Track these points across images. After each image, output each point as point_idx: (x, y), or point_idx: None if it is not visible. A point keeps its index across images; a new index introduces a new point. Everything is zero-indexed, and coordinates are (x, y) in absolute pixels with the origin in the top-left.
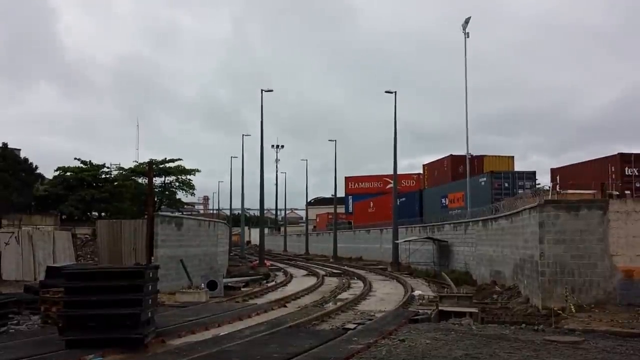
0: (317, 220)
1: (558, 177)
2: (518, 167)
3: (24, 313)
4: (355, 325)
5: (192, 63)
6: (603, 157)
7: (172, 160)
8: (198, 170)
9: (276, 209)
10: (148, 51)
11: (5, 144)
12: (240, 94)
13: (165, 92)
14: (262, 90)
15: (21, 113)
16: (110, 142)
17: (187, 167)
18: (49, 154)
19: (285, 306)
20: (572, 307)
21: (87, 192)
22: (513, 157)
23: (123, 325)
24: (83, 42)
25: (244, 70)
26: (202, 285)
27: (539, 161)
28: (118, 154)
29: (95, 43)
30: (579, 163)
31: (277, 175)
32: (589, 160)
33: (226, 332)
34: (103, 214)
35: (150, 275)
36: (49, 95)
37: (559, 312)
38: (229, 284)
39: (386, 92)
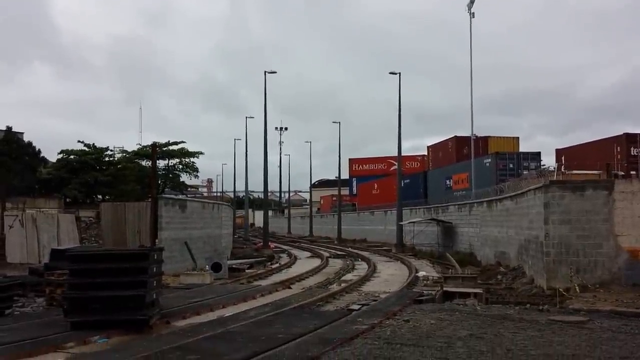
0: (321, 202)
1: (563, 158)
2: (523, 147)
3: (29, 295)
4: (359, 306)
5: (189, 43)
6: (608, 138)
7: (176, 143)
8: (201, 153)
9: (280, 191)
10: (144, 32)
11: (9, 128)
12: (240, 76)
13: (163, 73)
14: (265, 72)
15: (20, 96)
16: (111, 125)
17: (191, 149)
18: (49, 137)
19: (290, 287)
20: (577, 287)
21: (90, 175)
22: (518, 138)
23: (128, 307)
24: (78, 23)
25: (243, 51)
26: (207, 267)
27: (544, 142)
28: (119, 137)
29: (91, 24)
30: (584, 143)
31: (280, 157)
32: (594, 141)
33: (231, 314)
34: (107, 197)
35: (155, 257)
36: (45, 77)
37: (563, 292)
38: (233, 266)
39: (390, 73)
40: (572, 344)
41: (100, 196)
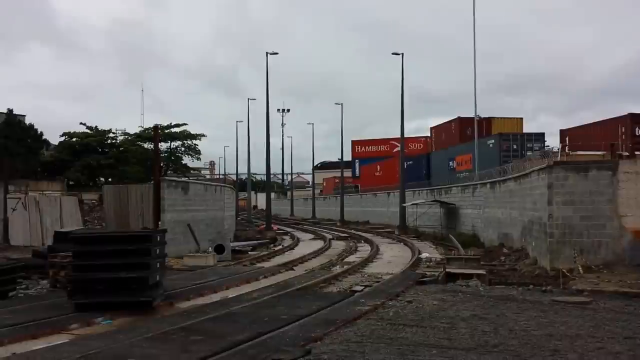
0: (324, 184)
1: (567, 138)
2: (527, 128)
3: (33, 278)
4: (362, 288)
5: (189, 25)
6: (613, 118)
7: (178, 125)
8: (204, 135)
9: (282, 174)
10: (144, 13)
11: (10, 110)
12: (241, 58)
13: (164, 55)
14: (267, 53)
15: (20, 78)
16: (112, 107)
17: (193, 132)
18: (51, 120)
19: (293, 269)
20: (581, 268)
21: (93, 158)
22: (522, 118)
23: (131, 289)
24: (77, 4)
25: (243, 33)
26: (210, 249)
27: (548, 122)
28: (121, 119)
29: (90, 5)
30: (588, 124)
31: (283, 139)
32: (598, 121)
33: (234, 295)
34: (109, 179)
35: (158, 239)
36: (45, 60)
37: (567, 273)
38: (237, 248)
39: (393, 53)
40: (575, 324)
41: (102, 179)
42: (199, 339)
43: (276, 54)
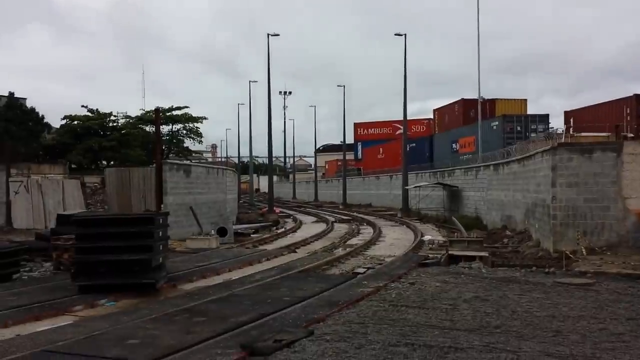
0: (326, 167)
1: (572, 120)
2: (531, 110)
3: (36, 260)
4: (365, 270)
5: (189, 6)
6: (618, 99)
7: (179, 108)
8: (205, 118)
9: (285, 156)
10: None
11: (11, 94)
12: (242, 40)
13: (164, 37)
14: (268, 34)
15: (20, 61)
16: (113, 90)
17: (194, 115)
18: (52, 103)
19: (295, 252)
20: (584, 250)
21: (94, 141)
22: (526, 100)
23: (134, 271)
24: None
25: (243, 14)
26: (212, 231)
27: (552, 104)
28: (122, 102)
29: None
30: (593, 105)
31: (285, 122)
32: (603, 102)
33: (237, 277)
34: (111, 162)
35: (160, 222)
36: (44, 42)
37: (570, 255)
38: (239, 231)
39: (395, 34)
40: (577, 305)
41: (104, 162)
42: (202, 320)
43: (277, 35)
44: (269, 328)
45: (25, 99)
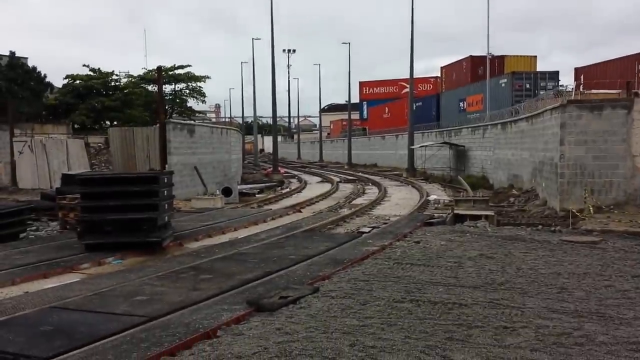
0: (331, 127)
1: (582, 77)
2: (541, 67)
3: (43, 220)
4: (370, 229)
5: None
6: (629, 55)
7: (182, 67)
8: (208, 77)
9: (289, 116)
10: None
11: (12, 53)
12: None
13: None
14: None
15: (19, 19)
16: (114, 48)
17: (197, 74)
18: (53, 62)
19: (300, 211)
20: (591, 208)
21: (97, 101)
22: (535, 56)
23: (140, 230)
24: None
25: None
26: (217, 191)
27: (563, 61)
28: (123, 60)
29: None
30: (604, 62)
31: (289, 80)
32: (614, 59)
33: (242, 236)
34: (115, 122)
35: (165, 181)
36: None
37: (577, 213)
38: (244, 191)
39: None
40: (583, 263)
41: (108, 122)
42: (208, 278)
43: None
44: (275, 285)
45: (26, 58)
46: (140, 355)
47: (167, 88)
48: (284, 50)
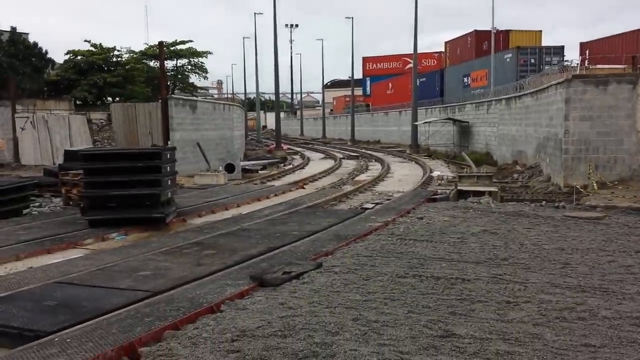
0: (334, 103)
1: (587, 52)
2: (546, 42)
3: (46, 196)
4: (373, 205)
5: None
6: (635, 30)
7: (183, 42)
8: (210, 53)
9: (292, 92)
10: None
11: (13, 28)
12: None
13: None
14: None
15: None
16: (115, 23)
17: (199, 49)
18: (51, 37)
19: (303, 188)
20: (595, 184)
21: (99, 76)
22: (541, 31)
23: (144, 205)
24: None
25: None
26: (220, 168)
27: (568, 36)
28: (124, 36)
29: None
30: (610, 36)
31: (291, 56)
32: (620, 34)
33: (246, 212)
34: (117, 98)
35: (168, 157)
36: None
37: (581, 189)
38: (247, 167)
39: None
40: (587, 239)
41: (110, 98)
42: (212, 253)
43: None
44: (278, 261)
45: (27, 34)
46: (144, 330)
47: (169, 64)
48: (286, 25)
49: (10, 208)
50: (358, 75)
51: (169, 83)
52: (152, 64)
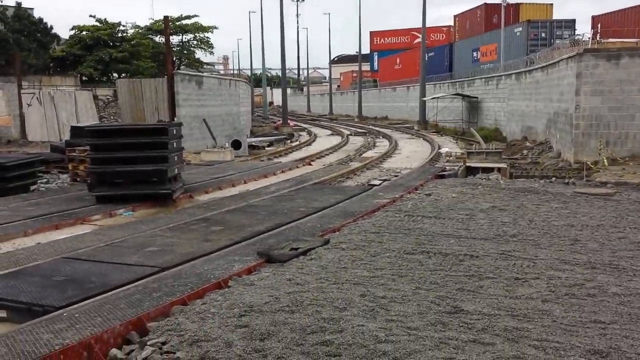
0: (341, 79)
1: (599, 25)
2: (557, 15)
3: (53, 172)
4: (380, 182)
5: None
6: None
7: (189, 17)
8: (216, 28)
9: (298, 68)
10: None
11: (18, 4)
12: None
13: None
14: None
15: None
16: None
17: (204, 24)
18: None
19: (310, 164)
20: (606, 160)
21: (105, 52)
22: (552, 4)
23: (151, 181)
24: None
25: None
26: (227, 144)
27: (580, 9)
28: (129, 11)
29: None
30: (622, 9)
31: (298, 31)
32: (633, 7)
33: (252, 189)
34: (122, 74)
35: (174, 133)
36: None
37: (591, 165)
38: (253, 144)
39: None
40: (597, 215)
41: (115, 74)
42: (219, 229)
43: None
44: (285, 237)
45: (32, 9)
46: (152, 305)
47: (175, 39)
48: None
49: (17, 184)
50: (365, 50)
51: (174, 59)
52: (157, 39)
